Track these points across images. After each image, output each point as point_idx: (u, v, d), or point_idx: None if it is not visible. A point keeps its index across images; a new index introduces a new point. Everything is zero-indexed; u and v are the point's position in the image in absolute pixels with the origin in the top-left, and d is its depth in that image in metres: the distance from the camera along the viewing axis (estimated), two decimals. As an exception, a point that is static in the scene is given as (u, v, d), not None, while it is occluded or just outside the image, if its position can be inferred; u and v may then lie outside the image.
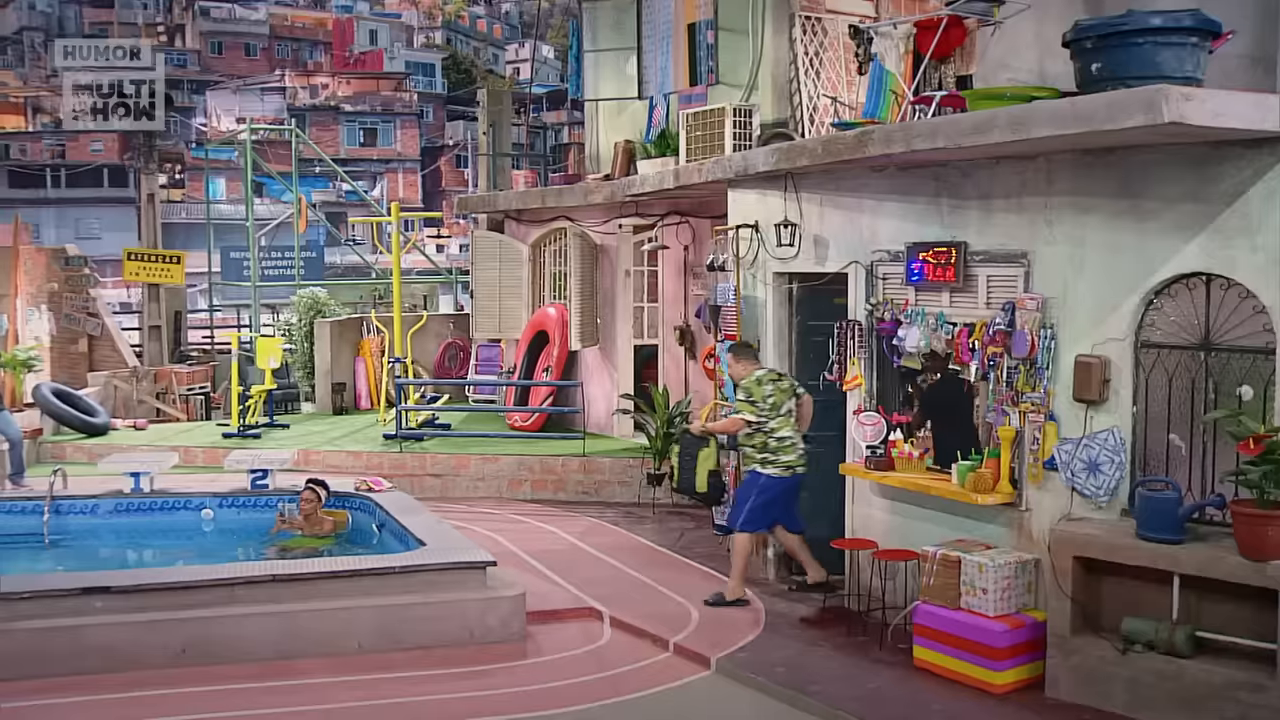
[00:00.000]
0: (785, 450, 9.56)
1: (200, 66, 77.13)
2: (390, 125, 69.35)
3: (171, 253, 21.99)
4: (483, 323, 17.83)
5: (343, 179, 36.49)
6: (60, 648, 8.27)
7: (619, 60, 15.78)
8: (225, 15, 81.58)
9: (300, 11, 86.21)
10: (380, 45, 79.58)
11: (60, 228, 56.41)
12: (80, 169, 63.05)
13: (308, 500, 11.10)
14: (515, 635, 8.96)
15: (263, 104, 66.03)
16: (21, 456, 13.66)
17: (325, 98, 70.35)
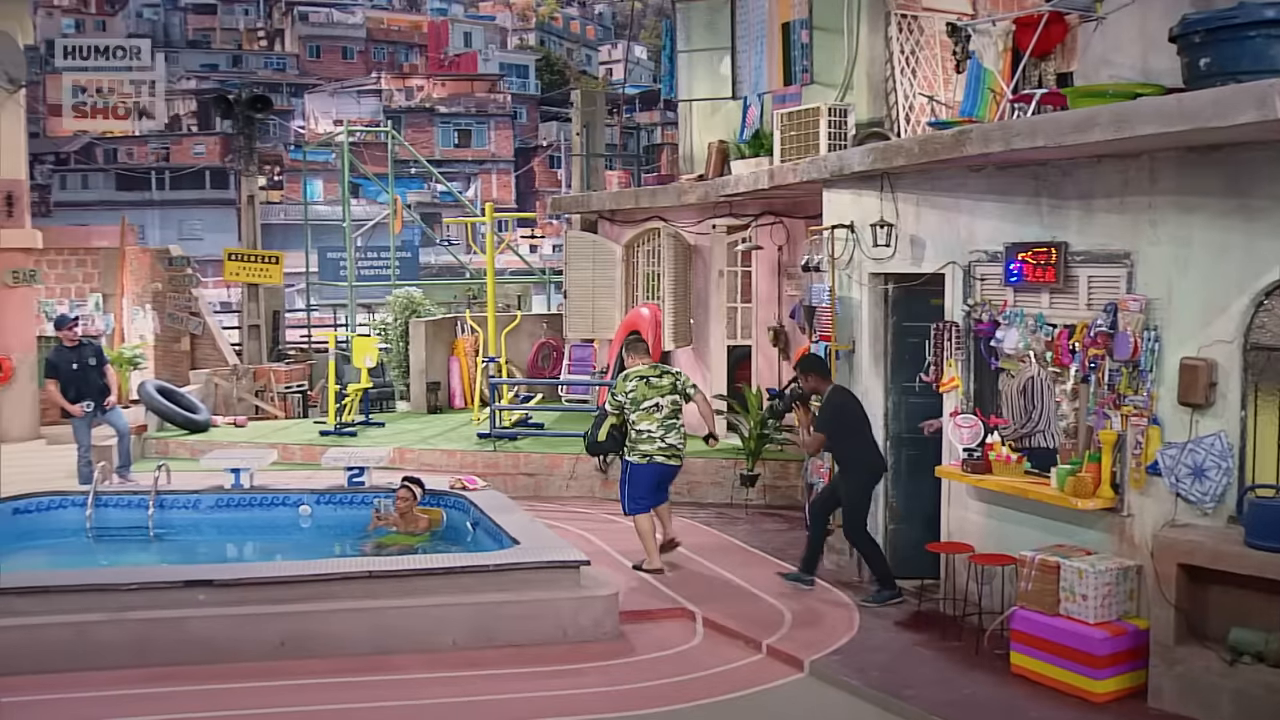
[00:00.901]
0: (643, 441, 10.60)
1: (299, 70, 78.41)
2: (484, 126, 69.94)
3: (270, 253, 22.31)
4: (576, 323, 17.91)
5: (437, 180, 36.86)
6: (163, 638, 8.46)
7: (713, 60, 15.77)
8: (323, 19, 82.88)
9: (396, 15, 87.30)
10: (474, 47, 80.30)
11: (164, 229, 57.69)
12: (183, 171, 64.47)
13: (403, 498, 11.23)
14: (608, 635, 8.98)
15: (359, 106, 66.96)
16: (129, 450, 13.99)
17: (420, 100, 71.13)
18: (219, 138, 65.02)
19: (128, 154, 69.34)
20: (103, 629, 8.41)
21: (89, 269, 21.78)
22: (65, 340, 13.75)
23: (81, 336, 14.07)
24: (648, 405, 10.60)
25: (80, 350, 13.68)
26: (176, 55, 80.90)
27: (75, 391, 13.53)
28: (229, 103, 22.24)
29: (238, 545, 12.15)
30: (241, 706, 7.74)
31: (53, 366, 13.64)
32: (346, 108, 64.41)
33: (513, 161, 69.69)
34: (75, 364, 13.55)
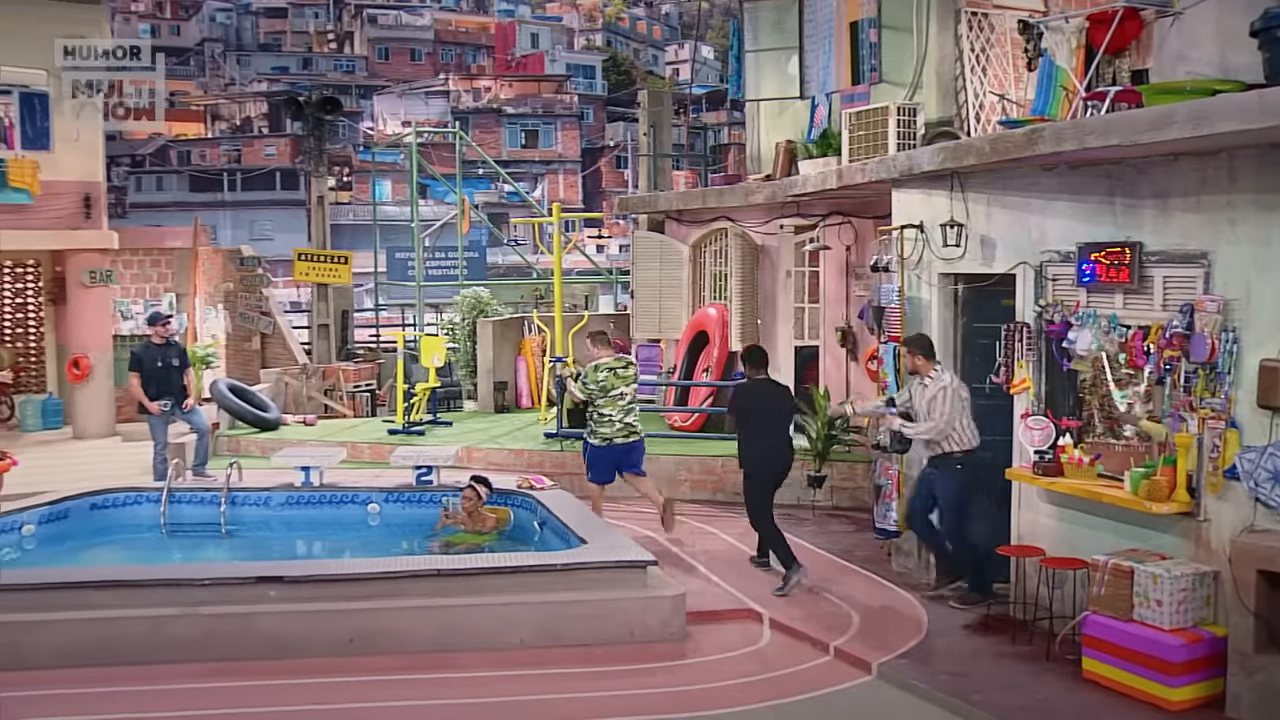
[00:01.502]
0: (604, 424, 11.83)
1: (368, 72, 79.16)
2: (551, 127, 70.19)
3: (339, 253, 22.53)
4: (643, 323, 17.92)
5: (505, 180, 37.01)
6: (234, 633, 8.57)
7: (780, 60, 15.72)
8: (392, 22, 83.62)
9: (464, 17, 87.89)
10: (541, 48, 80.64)
11: (236, 229, 58.42)
12: (255, 173, 65.25)
13: (470, 497, 11.30)
14: (675, 635, 8.97)
15: (427, 107, 67.48)
16: (206, 449, 14.19)
17: (488, 100, 71.55)
18: (289, 139, 65.80)
19: (201, 156, 70.43)
20: (176, 623, 8.55)
21: (163, 269, 22.11)
22: (155, 337, 13.97)
23: (169, 336, 14.29)
24: (614, 394, 11.84)
25: (166, 349, 13.90)
26: (248, 58, 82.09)
27: (156, 389, 13.74)
28: (299, 105, 22.50)
29: (307, 542, 12.26)
30: (311, 702, 7.82)
31: (138, 360, 13.86)
32: (415, 109, 64.96)
33: (579, 162, 69.89)
34: (160, 361, 13.77)
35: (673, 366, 17.24)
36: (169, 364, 13.81)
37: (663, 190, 19.43)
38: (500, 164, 42.10)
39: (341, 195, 60.68)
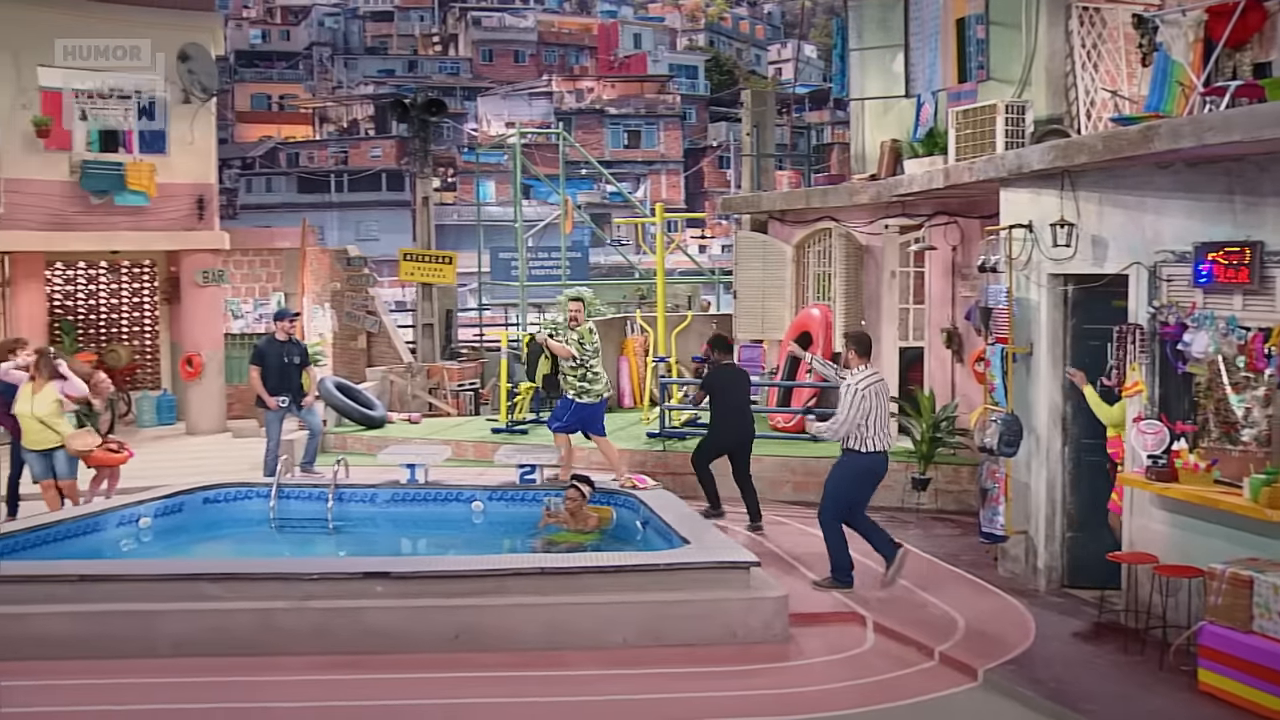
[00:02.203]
0: (597, 382, 12.94)
1: (472, 74, 79.99)
2: (654, 127, 70.31)
3: (444, 253, 22.83)
4: (745, 323, 17.86)
5: (607, 180, 37.11)
6: (342, 627, 8.70)
7: (885, 58, 15.57)
8: (495, 24, 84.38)
9: (567, 18, 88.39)
10: (644, 49, 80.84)
11: (342, 230, 59.32)
12: (361, 174, 66.25)
13: (573, 496, 11.36)
14: (778, 637, 8.92)
15: (530, 108, 68.00)
16: (316, 448, 14.44)
17: (590, 101, 71.88)
18: (395, 141, 66.73)
19: (309, 158, 71.72)
20: (286, 616, 8.70)
21: (272, 269, 22.58)
22: (279, 332, 14.25)
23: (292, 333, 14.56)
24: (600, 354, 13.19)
25: (289, 346, 14.17)
26: (355, 62, 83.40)
27: (275, 384, 14.03)
28: (405, 107, 22.84)
29: (412, 539, 12.44)
30: (418, 696, 7.91)
31: (260, 355, 14.14)
32: (518, 110, 65.51)
33: (682, 162, 69.94)
34: (283, 358, 14.04)
35: (775, 367, 17.16)
36: (290, 361, 14.08)
37: (766, 190, 19.35)
38: (603, 164, 42.23)
39: (446, 196, 61.43)
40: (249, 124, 77.88)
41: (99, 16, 19.19)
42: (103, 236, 19.73)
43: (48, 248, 19.60)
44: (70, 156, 19.31)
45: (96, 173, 19.18)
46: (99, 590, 8.84)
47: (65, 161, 19.20)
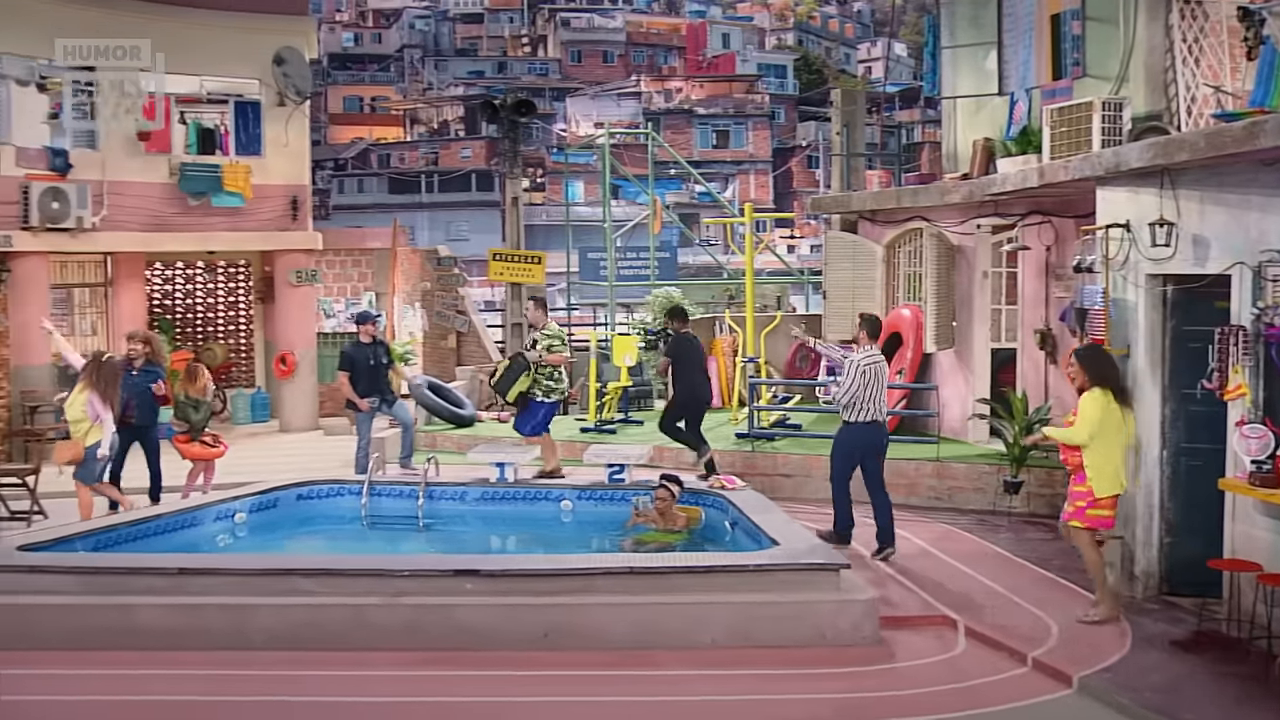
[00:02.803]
0: (559, 382, 13.36)
1: (561, 75, 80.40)
2: (742, 127, 70.16)
3: (533, 253, 22.89)
4: (835, 324, 17.73)
5: (696, 180, 37.07)
6: (433, 624, 8.78)
7: (977, 56, 15.38)
8: (584, 25, 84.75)
9: (655, 18, 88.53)
10: (732, 48, 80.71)
11: (433, 230, 59.94)
12: (451, 175, 66.86)
13: (662, 496, 11.36)
14: (868, 639, 8.85)
15: (619, 109, 68.18)
16: (411, 441, 14.58)
17: (679, 101, 71.92)
18: (485, 142, 67.31)
19: (400, 159, 72.59)
20: (378, 612, 8.80)
21: (363, 269, 22.85)
22: (363, 335, 14.44)
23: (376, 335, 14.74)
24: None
25: (374, 347, 14.35)
26: (445, 63, 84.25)
27: (365, 386, 14.19)
28: (494, 108, 22.92)
29: (501, 537, 12.53)
30: (507, 694, 7.96)
31: (348, 359, 14.32)
32: (607, 110, 65.71)
33: (770, 162, 69.69)
34: (370, 360, 14.22)
35: (866, 368, 17.01)
36: (377, 361, 14.25)
37: (856, 190, 19.22)
38: (691, 164, 42.22)
39: (535, 196, 61.80)
40: (341, 126, 79.05)
41: (198, 22, 19.57)
42: (200, 237, 20.11)
43: (147, 248, 20.02)
44: (169, 159, 19.71)
45: (194, 175, 19.56)
46: (197, 583, 9.02)
47: (165, 164, 19.60)
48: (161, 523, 11.22)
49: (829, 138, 24.31)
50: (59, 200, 17.84)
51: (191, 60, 19.78)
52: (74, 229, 18.11)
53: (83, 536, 10.32)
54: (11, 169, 17.75)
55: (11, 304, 18.14)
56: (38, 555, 9.57)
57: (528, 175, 54.27)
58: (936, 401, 15.14)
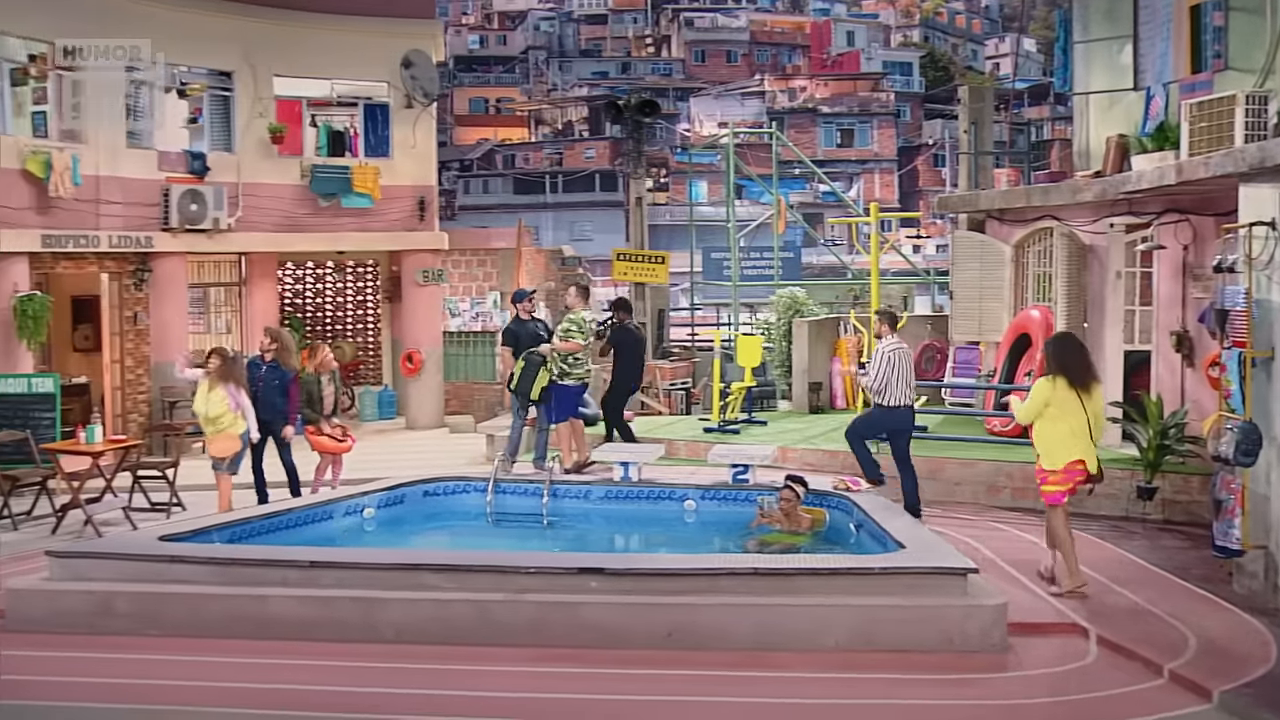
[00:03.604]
0: (578, 367, 13.93)
1: (684, 74, 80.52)
2: (867, 126, 69.57)
3: (657, 253, 22.99)
4: (962, 324, 17.48)
5: (820, 180, 36.80)
6: (558, 621, 8.81)
7: (1111, 50, 15.03)
8: (708, 25, 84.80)
9: (779, 17, 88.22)
10: (857, 46, 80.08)
11: (557, 230, 60.44)
12: (575, 175, 67.35)
13: (787, 497, 11.29)
14: (996, 646, 8.67)
15: (743, 108, 68.09)
16: (546, 441, 14.63)
17: (803, 100, 71.54)
18: (609, 142, 67.66)
19: (524, 159, 73.31)
20: (503, 608, 8.87)
21: (488, 269, 23.16)
22: (520, 313, 14.62)
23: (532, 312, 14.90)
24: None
25: (533, 324, 14.50)
26: (570, 64, 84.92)
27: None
28: (618, 108, 23.10)
29: (625, 536, 12.56)
30: (632, 692, 7.97)
31: (511, 335, 14.60)
32: (730, 110, 65.64)
33: (895, 160, 68.99)
34: (533, 335, 14.38)
35: (992, 370, 16.74)
36: (537, 337, 14.39)
37: (983, 189, 18.91)
38: (816, 163, 41.96)
39: (659, 196, 61.98)
40: (467, 127, 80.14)
41: (329, 26, 20.02)
42: (330, 237, 20.57)
43: (279, 248, 20.52)
44: (301, 161, 20.18)
45: (325, 176, 20.01)
46: (328, 576, 9.20)
47: (296, 166, 20.08)
48: (293, 516, 11.48)
49: (956, 136, 23.97)
50: (197, 202, 18.38)
51: (322, 64, 20.28)
52: (211, 230, 18.65)
53: (219, 528, 10.60)
54: (153, 172, 18.33)
55: (153, 302, 18.73)
56: (177, 546, 9.85)
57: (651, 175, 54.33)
58: (1067, 404, 14.78)
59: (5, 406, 15.67)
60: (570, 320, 13.90)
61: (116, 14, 17.70)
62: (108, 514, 13.37)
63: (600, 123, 69.19)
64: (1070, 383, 9.83)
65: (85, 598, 9.27)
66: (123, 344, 18.60)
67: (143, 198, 18.09)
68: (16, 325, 15.96)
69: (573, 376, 13.93)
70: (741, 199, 44.54)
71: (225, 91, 19.70)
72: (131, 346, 18.70)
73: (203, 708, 7.68)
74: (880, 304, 17.15)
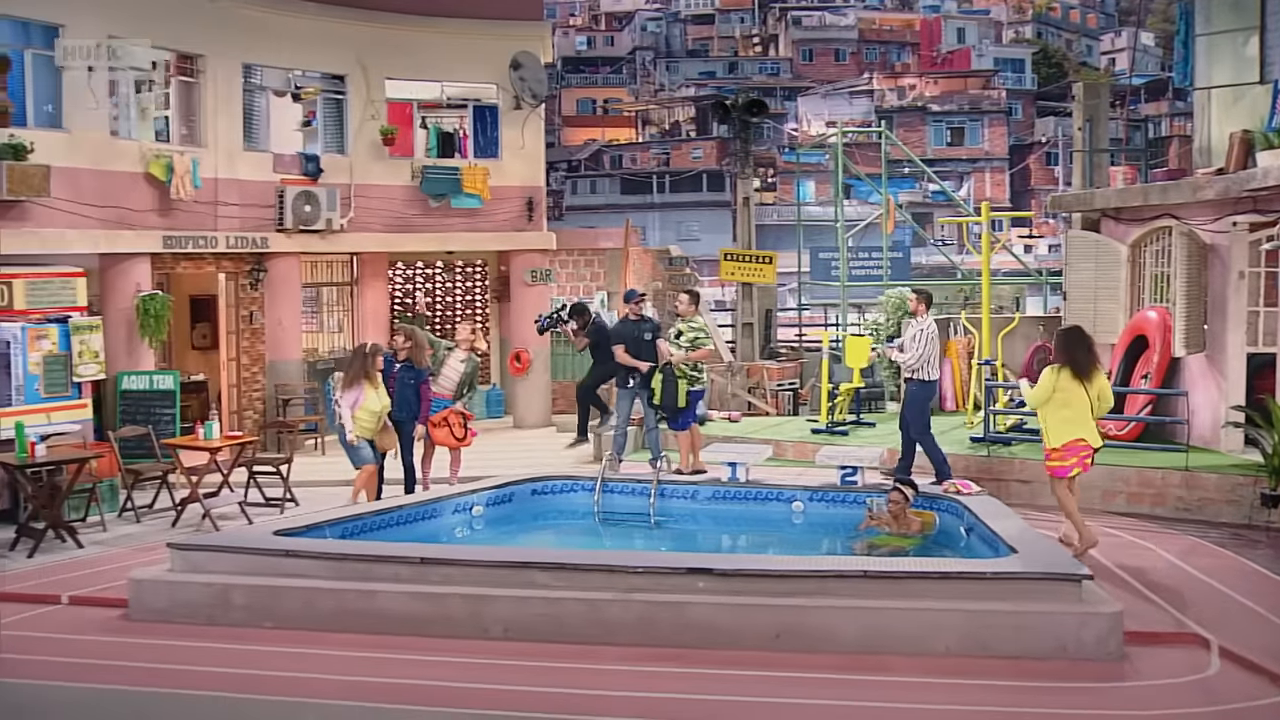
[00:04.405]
0: (700, 370, 14.18)
1: (792, 74, 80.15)
2: (977, 124, 68.65)
3: (764, 253, 22.87)
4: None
5: (930, 179, 36.35)
6: (666, 621, 8.80)
7: (1236, 42, 14.65)
8: (816, 23, 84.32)
9: (888, 15, 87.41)
10: (968, 43, 79.00)
11: (664, 230, 60.56)
12: (682, 175, 67.40)
13: (896, 500, 11.17)
14: (1112, 655, 8.47)
15: (851, 107, 67.61)
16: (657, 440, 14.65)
17: (912, 99, 70.79)
18: (716, 142, 67.58)
19: (631, 160, 73.53)
20: (611, 607, 8.88)
21: (595, 269, 23.25)
22: (630, 314, 14.70)
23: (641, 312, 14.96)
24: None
25: (641, 324, 14.56)
26: (676, 65, 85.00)
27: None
28: (726, 108, 23.03)
29: (732, 536, 12.53)
30: (740, 693, 7.92)
31: (619, 335, 14.62)
32: (838, 109, 65.22)
33: (1007, 159, 67.94)
34: (637, 335, 14.43)
35: (1108, 372, 16.37)
36: (643, 337, 14.43)
37: (1099, 187, 18.52)
38: (925, 162, 41.48)
39: (766, 196, 61.77)
40: (574, 128, 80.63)
41: (440, 29, 20.27)
42: (440, 238, 20.81)
43: (390, 249, 20.81)
44: (411, 162, 20.45)
45: (435, 177, 20.26)
46: (438, 573, 9.29)
47: (407, 167, 20.35)
48: (403, 513, 11.63)
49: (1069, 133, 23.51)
50: (311, 203, 18.71)
51: (432, 67, 20.55)
52: (324, 230, 18.99)
53: (332, 524, 10.77)
54: (268, 174, 18.71)
55: (267, 302, 19.12)
56: (291, 540, 10.03)
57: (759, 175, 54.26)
58: (1185, 408, 14.43)
59: (128, 402, 16.14)
60: (695, 328, 14.00)
61: (235, 21, 18.10)
62: (224, 508, 13.69)
63: (707, 123, 69.16)
64: (1074, 373, 10.90)
65: (204, 589, 9.51)
66: (239, 342, 19.01)
67: (258, 199, 18.47)
68: (139, 324, 16.38)
69: (701, 382, 14.25)
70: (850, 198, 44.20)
71: (338, 95, 20.04)
72: (247, 345, 19.11)
73: (315, 699, 7.82)
74: (990, 306, 16.93)
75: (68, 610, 10.04)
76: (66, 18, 15.61)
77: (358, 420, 12.69)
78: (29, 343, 13.87)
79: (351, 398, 12.69)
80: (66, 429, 14.19)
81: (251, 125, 18.82)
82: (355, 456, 12.82)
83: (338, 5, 19.38)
